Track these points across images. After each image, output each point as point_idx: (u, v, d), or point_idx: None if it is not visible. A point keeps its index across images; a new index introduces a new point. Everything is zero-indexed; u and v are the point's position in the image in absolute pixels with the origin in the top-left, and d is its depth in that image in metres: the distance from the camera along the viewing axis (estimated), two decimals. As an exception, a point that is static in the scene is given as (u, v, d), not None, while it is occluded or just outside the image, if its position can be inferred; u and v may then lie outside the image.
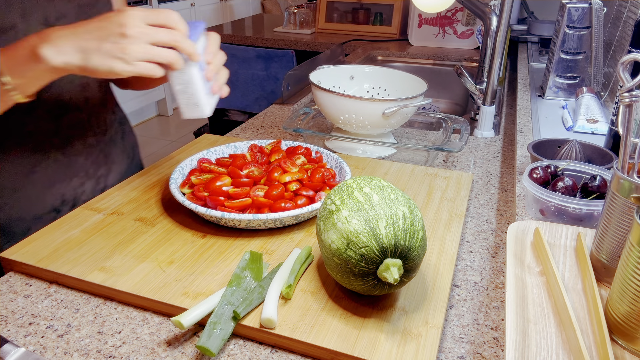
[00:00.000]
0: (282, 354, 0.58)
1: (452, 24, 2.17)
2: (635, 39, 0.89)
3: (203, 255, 0.72)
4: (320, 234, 0.63)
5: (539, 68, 1.68)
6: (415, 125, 1.26)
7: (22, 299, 0.66)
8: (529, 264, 0.64)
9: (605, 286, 0.61)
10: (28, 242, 0.73)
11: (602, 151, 0.88)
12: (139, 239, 0.75)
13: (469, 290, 0.69)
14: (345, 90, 1.23)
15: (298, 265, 0.66)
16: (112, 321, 0.62)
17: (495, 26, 1.23)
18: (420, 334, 0.57)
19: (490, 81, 1.23)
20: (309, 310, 0.61)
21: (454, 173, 0.98)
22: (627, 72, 0.56)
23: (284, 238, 0.76)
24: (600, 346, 0.50)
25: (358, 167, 1.00)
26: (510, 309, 0.55)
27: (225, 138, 1.13)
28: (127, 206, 0.84)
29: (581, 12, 1.28)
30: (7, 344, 0.55)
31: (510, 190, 0.96)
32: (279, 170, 0.86)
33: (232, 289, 0.63)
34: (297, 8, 2.58)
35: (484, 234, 0.82)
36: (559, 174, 0.80)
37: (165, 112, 4.36)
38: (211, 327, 0.57)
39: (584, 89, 1.20)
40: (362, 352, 0.55)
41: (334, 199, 0.63)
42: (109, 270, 0.68)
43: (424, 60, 2.07)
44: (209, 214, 0.74)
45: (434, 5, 1.30)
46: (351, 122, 1.06)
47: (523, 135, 1.10)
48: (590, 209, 0.71)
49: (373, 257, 0.57)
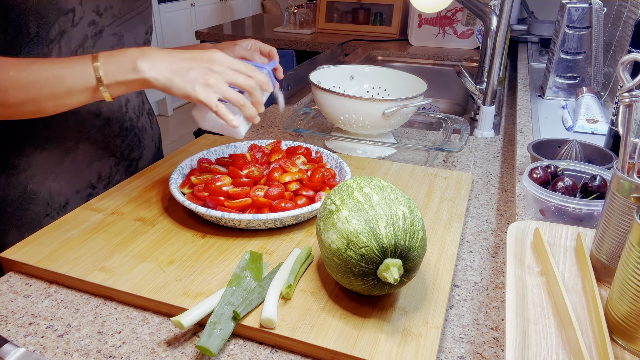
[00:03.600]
0: (282, 354, 0.58)
1: (452, 24, 2.17)
2: (635, 39, 0.89)
3: (203, 255, 0.72)
4: (320, 234, 0.63)
5: (539, 68, 1.68)
6: (415, 125, 1.26)
7: (22, 299, 0.66)
8: (529, 264, 0.64)
9: (605, 286, 0.61)
10: (28, 242, 0.73)
11: (602, 151, 0.88)
12: (139, 239, 0.75)
13: (469, 290, 0.69)
14: (345, 90, 1.23)
15: (298, 265, 0.66)
16: (112, 321, 0.62)
17: (495, 26, 1.23)
18: (420, 334, 0.57)
19: (490, 81, 1.23)
20: (309, 310, 0.61)
21: (454, 173, 0.98)
22: (627, 72, 0.56)
23: (284, 238, 0.76)
24: (600, 346, 0.50)
25: (358, 167, 1.00)
26: (510, 309, 0.55)
27: (225, 138, 1.13)
28: (127, 206, 0.84)
29: (581, 12, 1.28)
30: (7, 344, 0.55)
31: (510, 190, 0.96)
32: (279, 170, 0.86)
33: (232, 289, 0.63)
34: (297, 8, 2.58)
35: (484, 234, 0.82)
36: (559, 174, 0.80)
37: (165, 112, 4.36)
38: (211, 327, 0.57)
39: (584, 89, 1.20)
40: (362, 352, 0.55)
41: (334, 199, 0.63)
42: (109, 270, 0.68)
43: (424, 60, 2.07)
44: (209, 214, 0.74)
45: (432, 5, 1.30)
46: (351, 122, 1.06)
47: (523, 135, 1.10)
48: (590, 209, 0.71)
49: (373, 257, 0.57)
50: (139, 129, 1.01)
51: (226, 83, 0.71)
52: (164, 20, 4.11)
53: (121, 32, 0.91)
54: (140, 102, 1.02)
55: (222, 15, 4.89)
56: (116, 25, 0.89)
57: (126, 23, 0.91)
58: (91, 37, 0.86)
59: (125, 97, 0.97)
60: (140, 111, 1.01)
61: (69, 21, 0.81)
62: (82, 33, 0.84)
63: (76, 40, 0.83)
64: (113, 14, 0.88)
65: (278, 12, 5.16)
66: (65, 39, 0.82)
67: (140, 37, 0.96)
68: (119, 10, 0.89)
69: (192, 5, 4.42)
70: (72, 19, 0.81)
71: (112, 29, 0.89)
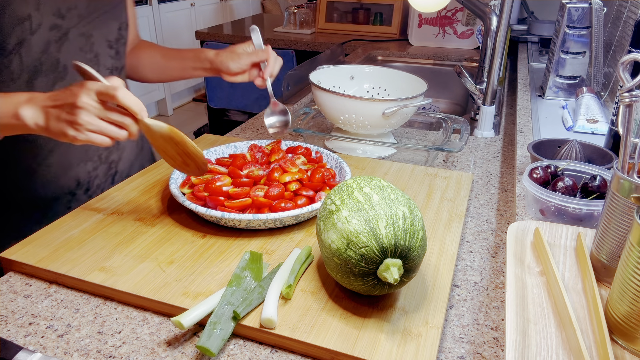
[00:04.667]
0: (282, 354, 0.58)
1: (452, 24, 2.17)
2: (635, 39, 0.89)
3: (203, 255, 0.72)
4: (320, 234, 0.63)
5: (539, 68, 1.68)
6: (415, 125, 1.26)
7: (22, 299, 0.66)
8: (529, 264, 0.64)
9: (605, 286, 0.61)
10: (28, 242, 0.73)
11: (602, 151, 0.88)
12: (139, 239, 0.75)
13: (469, 290, 0.69)
14: (345, 90, 1.23)
15: (298, 265, 0.66)
16: (112, 321, 0.62)
17: (495, 26, 1.23)
18: (420, 334, 0.57)
19: (490, 81, 1.23)
20: (309, 310, 0.61)
21: (454, 173, 0.98)
22: (627, 72, 0.56)
23: (284, 238, 0.76)
24: (600, 346, 0.50)
25: (358, 167, 1.00)
26: (510, 309, 0.55)
27: (225, 138, 1.13)
28: (127, 206, 0.84)
29: (581, 12, 1.28)
30: (22, 351, 0.54)
31: (510, 190, 0.96)
32: (279, 170, 0.86)
33: (232, 289, 0.63)
34: (297, 8, 2.58)
35: (484, 234, 0.82)
36: (559, 174, 0.80)
37: (165, 112, 4.36)
38: (211, 327, 0.57)
39: (584, 89, 1.20)
40: (362, 352, 0.55)
41: (334, 199, 0.63)
42: (109, 270, 0.68)
43: (424, 60, 2.07)
44: (209, 214, 0.74)
45: (430, 5, 1.30)
46: (351, 122, 1.06)
47: (523, 135, 1.10)
48: (590, 209, 0.71)
49: (373, 257, 0.57)
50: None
51: (97, 118, 0.67)
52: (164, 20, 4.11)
53: (89, 31, 0.88)
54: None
55: (222, 15, 4.89)
56: (83, 25, 0.86)
57: (95, 22, 0.88)
58: (55, 42, 0.83)
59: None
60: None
61: (26, 30, 0.78)
62: (42, 39, 0.81)
63: (37, 47, 0.81)
64: (79, 14, 0.85)
65: (278, 12, 5.16)
66: (25, 48, 0.79)
67: (112, 34, 0.93)
68: (85, 9, 0.86)
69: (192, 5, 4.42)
70: (29, 27, 0.78)
71: (79, 29, 0.86)
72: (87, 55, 0.89)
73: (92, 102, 0.66)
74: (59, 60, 0.84)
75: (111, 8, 0.91)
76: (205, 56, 0.98)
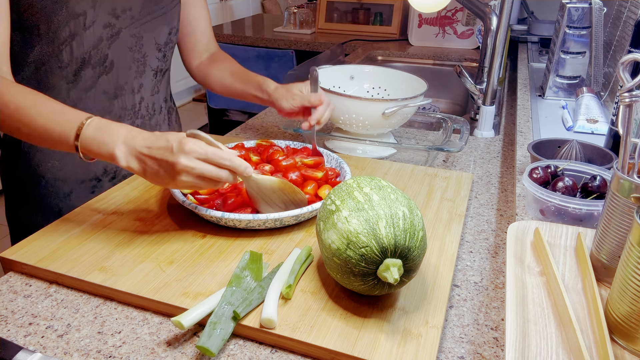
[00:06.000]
0: (282, 354, 0.58)
1: (452, 24, 2.16)
2: (635, 39, 0.89)
3: (203, 255, 0.71)
4: (320, 234, 0.63)
5: (539, 68, 1.68)
6: (415, 125, 1.26)
7: (22, 299, 0.66)
8: (529, 264, 0.64)
9: (605, 286, 0.61)
10: (28, 242, 0.73)
11: (602, 151, 0.88)
12: (139, 239, 0.75)
13: (469, 290, 0.69)
14: (345, 90, 1.23)
15: (298, 265, 0.66)
16: (112, 321, 0.62)
17: (495, 26, 1.23)
18: (420, 334, 0.57)
19: (490, 81, 1.23)
20: (309, 310, 0.61)
21: (454, 173, 0.98)
22: (627, 72, 0.56)
23: (284, 238, 0.76)
24: (600, 346, 0.50)
25: (358, 167, 1.00)
26: (510, 309, 0.55)
27: (225, 138, 1.13)
28: (127, 206, 0.84)
29: (581, 12, 1.28)
30: (22, 351, 0.54)
31: (510, 190, 0.96)
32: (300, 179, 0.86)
33: (232, 289, 0.63)
34: (297, 8, 2.58)
35: (484, 234, 0.82)
36: (559, 174, 0.80)
37: (165, 112, 4.35)
38: (211, 327, 0.57)
39: (584, 89, 1.20)
40: (362, 352, 0.55)
41: (334, 199, 0.63)
42: (109, 270, 0.68)
43: (424, 60, 2.07)
44: (209, 214, 0.74)
45: (430, 5, 1.30)
46: (351, 122, 1.06)
47: (523, 135, 1.10)
48: (590, 209, 0.71)
49: (373, 257, 0.57)
50: (151, 127, 1.02)
51: (195, 177, 0.68)
52: (164, 20, 4.10)
53: (140, 33, 0.92)
54: (156, 101, 1.03)
55: (222, 15, 4.89)
56: (135, 27, 0.91)
57: (147, 24, 0.92)
58: (107, 39, 0.87)
59: (140, 96, 0.98)
60: (154, 110, 1.02)
61: (79, 24, 0.84)
62: (95, 35, 0.86)
63: (89, 42, 0.86)
64: (132, 15, 0.89)
65: (278, 12, 5.16)
66: (77, 41, 0.84)
67: (162, 37, 0.97)
68: (139, 12, 0.90)
69: (192, 5, 4.42)
70: (83, 22, 0.83)
71: (131, 30, 0.90)
72: (135, 55, 0.93)
73: (191, 163, 0.67)
74: (108, 56, 0.90)
75: (164, 13, 0.95)
76: (266, 88, 1.02)
